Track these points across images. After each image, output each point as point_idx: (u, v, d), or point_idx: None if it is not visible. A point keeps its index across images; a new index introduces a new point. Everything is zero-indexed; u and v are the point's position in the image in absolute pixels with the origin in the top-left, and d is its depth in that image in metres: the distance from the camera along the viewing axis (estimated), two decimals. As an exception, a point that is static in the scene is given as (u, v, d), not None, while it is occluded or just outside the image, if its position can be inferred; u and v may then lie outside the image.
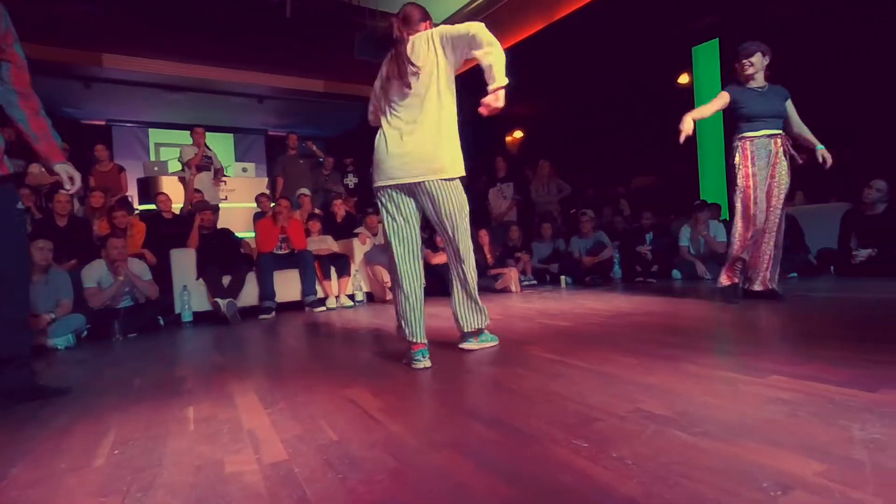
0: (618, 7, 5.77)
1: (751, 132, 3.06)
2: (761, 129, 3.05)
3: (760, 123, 3.05)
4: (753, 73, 3.09)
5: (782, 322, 2.52)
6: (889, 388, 1.32)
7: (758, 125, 3.05)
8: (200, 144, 5.85)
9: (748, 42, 3.14)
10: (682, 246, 4.94)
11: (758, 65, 3.09)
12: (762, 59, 3.10)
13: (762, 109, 3.04)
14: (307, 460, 1.16)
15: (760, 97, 3.06)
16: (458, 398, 1.60)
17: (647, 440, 1.11)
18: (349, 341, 2.93)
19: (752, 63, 3.09)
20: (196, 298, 4.40)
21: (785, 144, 3.05)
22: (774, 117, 3.05)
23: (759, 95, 3.07)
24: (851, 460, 0.94)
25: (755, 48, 3.09)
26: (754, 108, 3.06)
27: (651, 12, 5.72)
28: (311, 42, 7.24)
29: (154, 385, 2.09)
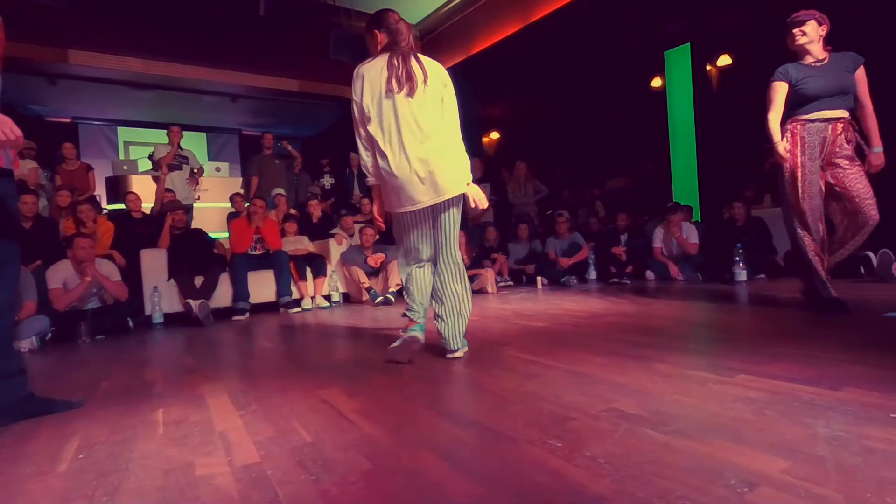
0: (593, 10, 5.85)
1: (803, 114, 2.59)
2: (815, 110, 2.57)
3: (816, 105, 2.57)
4: (806, 44, 2.61)
5: (750, 321, 2.60)
6: (852, 387, 1.37)
7: (813, 107, 2.58)
8: (175, 143, 5.71)
9: (801, 11, 2.64)
10: (656, 247, 5.04)
11: (811, 34, 2.60)
12: (817, 27, 2.60)
13: (821, 87, 2.55)
14: (280, 462, 1.14)
15: (818, 73, 2.57)
16: (434, 399, 1.59)
17: (620, 439, 1.13)
18: (325, 342, 2.89)
19: (805, 32, 2.60)
20: (167, 300, 4.30)
21: (847, 130, 2.54)
22: (836, 95, 2.53)
23: (816, 71, 2.58)
24: (815, 457, 0.97)
25: (808, 16, 2.61)
26: (810, 87, 2.57)
27: (624, 16, 5.83)
28: (285, 41, 7.15)
29: (122, 388, 2.03)
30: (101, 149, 9.60)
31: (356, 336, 3.04)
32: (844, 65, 2.57)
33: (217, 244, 4.99)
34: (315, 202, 5.69)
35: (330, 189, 7.10)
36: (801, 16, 2.62)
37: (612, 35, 6.17)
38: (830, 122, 2.55)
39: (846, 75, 2.54)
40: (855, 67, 2.55)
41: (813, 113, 2.57)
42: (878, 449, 0.99)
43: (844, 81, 2.53)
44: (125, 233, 4.62)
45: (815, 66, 2.60)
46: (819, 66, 2.59)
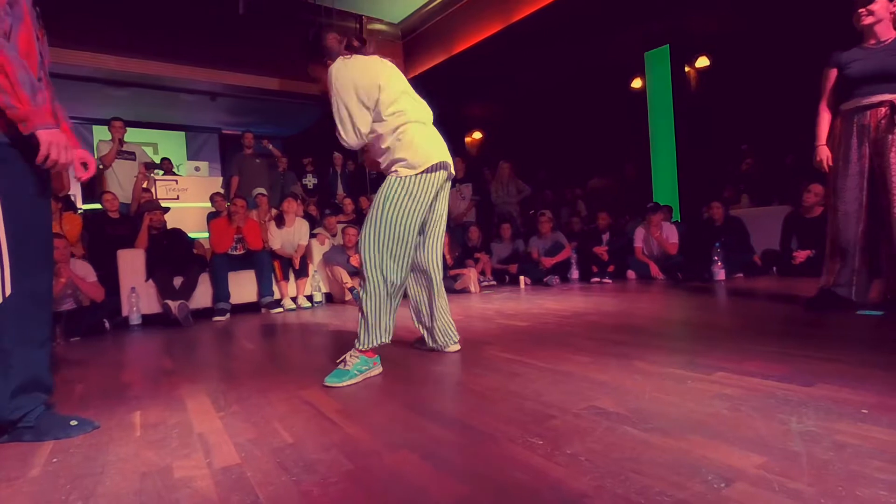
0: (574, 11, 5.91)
1: (847, 104, 2.40)
2: (855, 97, 2.37)
3: (857, 91, 2.36)
4: (872, 24, 2.34)
5: (728, 320, 2.65)
6: (824, 383, 1.40)
7: (853, 94, 2.37)
8: (116, 139, 5.50)
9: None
10: (637, 247, 5.11)
11: (880, 12, 2.32)
12: (887, 5, 2.33)
13: (862, 70, 2.32)
14: (260, 464, 1.13)
15: (869, 55, 2.34)
16: (416, 399, 1.59)
17: (600, 436, 1.14)
18: (307, 343, 2.87)
19: (871, 11, 2.33)
20: (145, 301, 4.22)
21: (888, 114, 2.30)
22: (879, 79, 2.29)
23: (868, 53, 2.34)
24: (789, 452, 1.00)
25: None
26: (853, 71, 2.34)
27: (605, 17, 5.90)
28: (265, 39, 7.07)
29: (98, 390, 1.98)
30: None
31: (339, 336, 3.02)
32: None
33: (196, 244, 4.91)
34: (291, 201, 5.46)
35: (313, 189, 7.04)
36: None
37: (592, 36, 6.23)
38: (870, 108, 2.34)
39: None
40: None
41: (852, 101, 2.37)
42: (849, 444, 1.02)
43: (893, 65, 2.27)
44: (101, 233, 4.51)
45: (872, 47, 2.35)
46: (875, 48, 2.34)
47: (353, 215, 6.16)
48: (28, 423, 1.41)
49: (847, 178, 2.45)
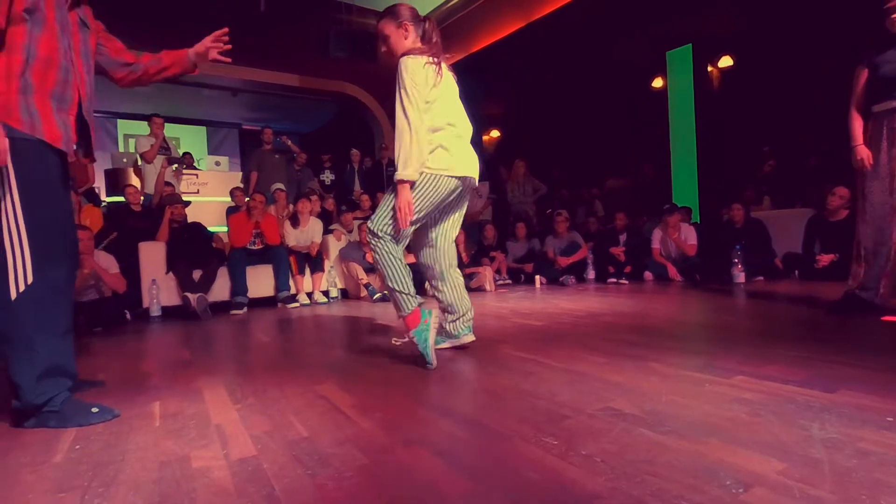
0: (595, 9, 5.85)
1: (879, 105, 2.37)
2: (883, 99, 2.36)
3: (886, 93, 2.34)
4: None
5: (747, 323, 2.60)
6: (846, 389, 1.37)
7: (885, 94, 2.35)
8: (158, 136, 5.64)
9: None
10: (654, 248, 5.04)
11: None
12: None
13: (891, 71, 2.30)
14: (276, 456, 1.14)
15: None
16: (430, 396, 1.59)
17: (615, 438, 1.13)
18: (322, 338, 2.89)
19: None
20: (165, 293, 4.30)
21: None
22: None
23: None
24: (810, 459, 0.98)
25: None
26: (883, 71, 2.33)
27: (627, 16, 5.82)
28: (285, 36, 7.13)
29: (119, 380, 2.03)
30: (99, 140, 9.57)
31: (354, 332, 3.04)
32: None
33: (216, 238, 4.98)
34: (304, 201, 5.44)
35: (330, 185, 7.09)
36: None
37: (614, 34, 6.16)
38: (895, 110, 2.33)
39: None
40: None
41: (884, 103, 2.35)
42: (872, 451, 0.99)
43: None
44: (124, 226, 4.61)
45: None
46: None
47: (369, 212, 6.18)
48: (53, 408, 1.46)
49: (876, 180, 2.42)
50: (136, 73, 1.81)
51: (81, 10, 1.61)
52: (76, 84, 1.56)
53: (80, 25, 1.59)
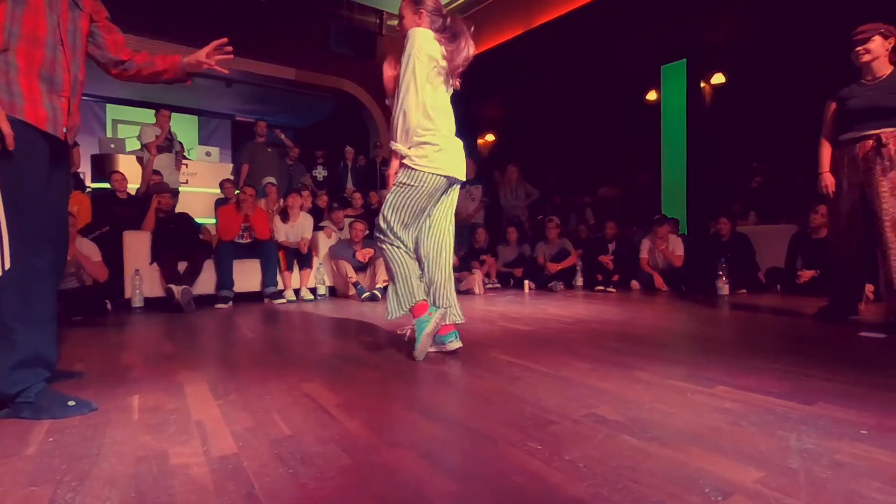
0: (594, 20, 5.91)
1: (844, 135, 2.57)
2: (849, 130, 2.55)
3: (858, 123, 2.51)
4: (870, 62, 2.49)
5: (730, 334, 2.63)
6: (824, 402, 1.40)
7: (849, 127, 2.54)
8: (164, 127, 5.61)
9: (865, 25, 2.52)
10: (643, 257, 5.09)
11: (876, 50, 2.48)
12: (883, 42, 2.48)
13: (858, 106, 2.49)
14: (257, 454, 1.13)
15: (866, 91, 2.50)
16: (417, 397, 1.59)
17: (599, 444, 1.14)
18: (309, 335, 2.87)
19: (868, 50, 2.49)
20: (149, 284, 4.24)
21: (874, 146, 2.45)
22: (873, 114, 2.45)
23: (865, 89, 2.50)
24: (787, 469, 0.99)
25: (872, 31, 2.48)
26: (850, 105, 2.51)
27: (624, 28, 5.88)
28: (284, 29, 7.09)
29: (97, 372, 1.99)
30: (87, 125, 9.43)
31: (341, 330, 3.02)
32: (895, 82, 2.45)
33: (203, 230, 4.93)
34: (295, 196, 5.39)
35: (322, 181, 7.06)
36: (865, 32, 2.50)
37: (610, 45, 6.22)
38: (860, 140, 2.51)
39: (891, 95, 2.43)
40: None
41: (848, 133, 2.54)
42: (847, 463, 1.01)
43: (886, 101, 2.43)
44: (108, 213, 4.53)
45: (869, 83, 2.52)
46: (872, 84, 2.50)
47: (361, 210, 6.16)
48: (28, 399, 1.42)
49: (840, 204, 2.66)
50: (129, 72, 1.79)
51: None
52: (65, 64, 1.53)
53: (70, 4, 1.56)
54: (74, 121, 1.61)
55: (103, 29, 1.72)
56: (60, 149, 1.57)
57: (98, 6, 1.70)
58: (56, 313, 1.56)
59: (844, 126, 2.60)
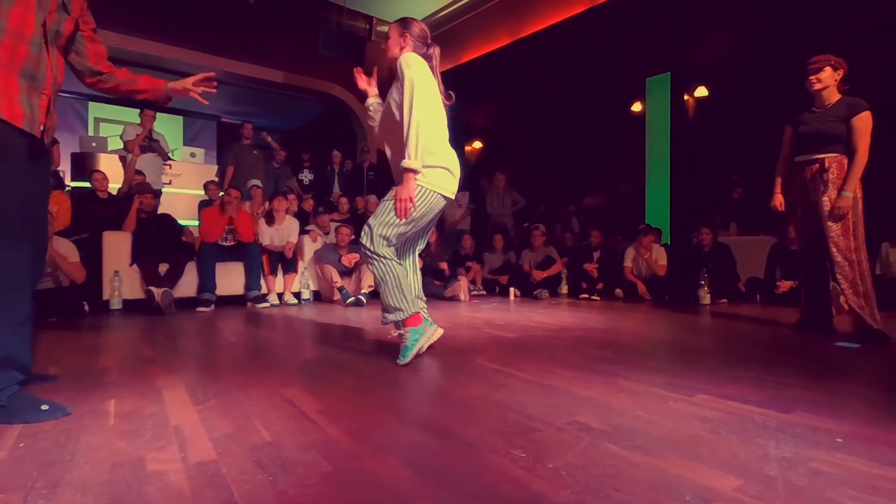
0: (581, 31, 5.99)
1: (798, 158, 2.80)
2: (800, 154, 2.78)
3: (807, 147, 2.74)
4: (820, 90, 2.72)
5: (711, 343, 2.67)
6: (801, 410, 1.42)
7: (800, 150, 2.77)
8: (146, 127, 5.54)
9: (819, 56, 2.72)
10: (627, 266, 5.15)
11: (826, 80, 2.70)
12: (832, 73, 2.69)
13: (806, 132, 2.72)
14: (237, 461, 1.11)
15: (814, 118, 2.73)
16: (401, 404, 1.58)
17: (582, 451, 1.14)
18: (291, 340, 2.84)
19: (820, 79, 2.70)
20: (128, 285, 4.16)
21: (820, 172, 2.67)
22: (817, 141, 2.68)
23: (813, 116, 2.74)
24: (765, 477, 1.01)
25: (824, 63, 2.70)
26: (801, 131, 2.75)
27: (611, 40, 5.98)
28: (273, 31, 7.05)
29: (72, 376, 1.94)
30: (68, 122, 9.25)
31: (325, 335, 3.00)
32: (838, 112, 2.66)
33: (186, 231, 4.85)
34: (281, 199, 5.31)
35: (308, 185, 7.01)
36: (818, 62, 2.70)
37: (597, 56, 6.31)
38: (809, 164, 2.74)
39: (833, 123, 2.65)
40: (850, 115, 2.61)
41: (801, 156, 2.77)
42: (823, 471, 1.03)
43: (828, 128, 2.65)
44: (87, 212, 4.44)
45: (817, 110, 2.74)
46: (819, 111, 2.72)
47: (347, 214, 6.13)
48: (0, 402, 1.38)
49: (800, 222, 2.87)
50: (106, 84, 1.77)
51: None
52: (49, 63, 1.50)
53: (59, 5, 1.54)
54: (53, 120, 1.58)
55: (87, 38, 1.71)
56: (38, 147, 1.53)
57: (87, 16, 1.69)
58: (32, 315, 1.52)
59: (798, 149, 2.81)
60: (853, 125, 2.61)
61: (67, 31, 1.60)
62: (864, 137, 2.59)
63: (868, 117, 2.60)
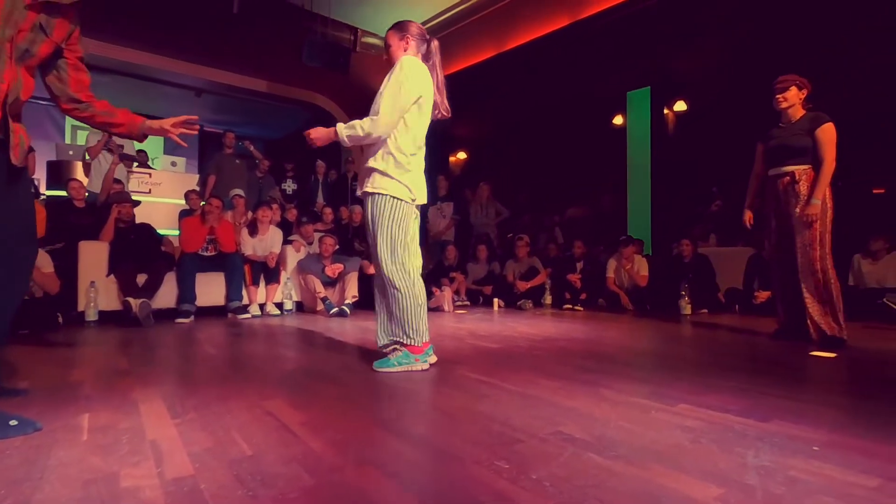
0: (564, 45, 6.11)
1: (770, 171, 2.92)
2: (770, 168, 2.91)
3: (776, 161, 2.87)
4: (786, 109, 2.86)
5: (691, 353, 2.71)
6: (779, 419, 1.44)
7: (771, 164, 2.90)
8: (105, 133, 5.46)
9: (785, 76, 2.86)
10: (609, 277, 5.20)
11: (791, 99, 2.84)
12: (797, 92, 2.84)
13: (775, 147, 2.86)
14: (215, 475, 1.08)
15: (781, 133, 2.86)
16: (384, 415, 1.56)
17: (565, 462, 1.14)
18: (273, 351, 2.80)
19: (786, 98, 2.84)
20: (104, 296, 4.06)
21: (790, 184, 2.79)
22: (786, 153, 2.81)
23: (781, 132, 2.87)
24: (745, 486, 1.02)
25: (790, 82, 2.83)
26: (770, 146, 2.89)
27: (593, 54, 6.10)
28: (257, 40, 7.04)
29: (44, 389, 1.88)
30: (44, 130, 9.07)
31: (307, 346, 2.96)
32: (802, 126, 2.78)
33: (165, 241, 4.77)
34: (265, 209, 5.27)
35: (292, 195, 6.97)
36: (784, 82, 2.84)
37: (580, 70, 6.43)
38: (779, 177, 2.85)
39: (798, 136, 2.77)
40: (812, 128, 2.73)
41: (771, 170, 2.90)
42: (801, 479, 1.04)
43: (794, 141, 2.78)
44: (64, 222, 4.34)
45: (784, 126, 2.88)
46: (786, 127, 2.86)
47: (331, 224, 6.09)
48: None
49: (772, 234, 2.95)
50: (82, 112, 1.75)
51: (46, 18, 1.53)
52: (6, 76, 1.47)
53: (34, 26, 1.52)
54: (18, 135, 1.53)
55: (72, 65, 1.69)
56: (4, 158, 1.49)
57: (76, 44, 1.68)
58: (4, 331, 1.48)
59: (769, 164, 2.93)
60: (817, 137, 2.72)
61: (42, 52, 1.57)
62: (829, 147, 2.70)
63: (831, 128, 2.72)
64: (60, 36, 1.61)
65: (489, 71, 7.02)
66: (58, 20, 1.58)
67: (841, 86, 4.36)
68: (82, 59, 1.72)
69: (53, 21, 1.56)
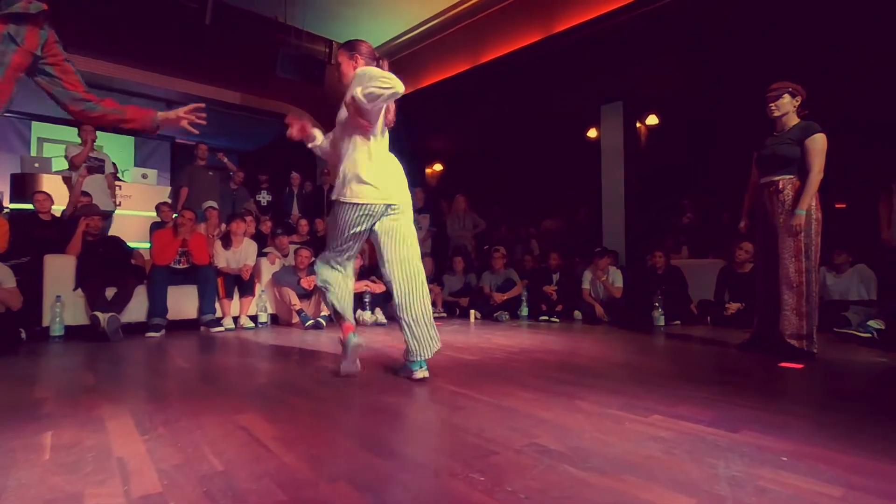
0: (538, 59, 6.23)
1: (760, 180, 2.92)
2: (761, 176, 2.91)
3: (766, 170, 2.87)
4: (779, 117, 2.85)
5: (664, 365, 2.76)
6: (748, 430, 1.48)
7: (761, 173, 2.90)
8: (87, 141, 5.31)
9: (778, 83, 2.85)
10: (584, 289, 5.27)
11: (784, 107, 2.83)
12: (791, 100, 2.82)
13: (765, 156, 2.86)
14: (185, 492, 1.06)
15: (773, 142, 2.85)
16: (358, 428, 1.55)
17: (540, 474, 1.15)
18: (247, 364, 2.74)
19: (778, 107, 2.83)
20: (71, 311, 3.92)
21: (776, 193, 2.80)
22: (775, 163, 2.81)
23: (773, 140, 2.86)
24: (716, 496, 1.04)
25: (782, 90, 2.82)
26: (761, 155, 2.89)
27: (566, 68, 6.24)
28: (230, 52, 6.97)
29: (3, 406, 1.81)
30: (8, 142, 8.79)
31: (282, 359, 2.91)
32: (793, 135, 2.78)
33: (136, 254, 4.65)
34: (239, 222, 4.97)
35: (266, 206, 6.88)
36: (777, 90, 2.83)
37: (554, 83, 6.56)
38: (766, 186, 2.87)
39: (787, 146, 2.77)
40: (803, 137, 2.74)
41: (761, 179, 2.91)
42: (769, 489, 1.07)
43: (783, 151, 2.78)
44: (28, 236, 4.19)
45: (776, 135, 2.87)
46: (778, 136, 2.85)
47: (307, 237, 6.03)
48: None
49: (759, 242, 2.98)
50: (91, 113, 1.75)
51: (15, 28, 1.54)
52: None
53: (3, 37, 1.52)
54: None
55: (59, 70, 1.70)
56: None
57: (54, 49, 1.67)
58: None
59: (760, 172, 2.96)
60: (806, 146, 2.73)
61: (16, 61, 1.56)
62: (818, 158, 2.70)
63: (821, 139, 2.72)
64: (33, 44, 1.60)
65: (465, 84, 7.10)
66: (27, 28, 1.57)
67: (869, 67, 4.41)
68: (67, 61, 1.72)
69: (23, 30, 1.55)
